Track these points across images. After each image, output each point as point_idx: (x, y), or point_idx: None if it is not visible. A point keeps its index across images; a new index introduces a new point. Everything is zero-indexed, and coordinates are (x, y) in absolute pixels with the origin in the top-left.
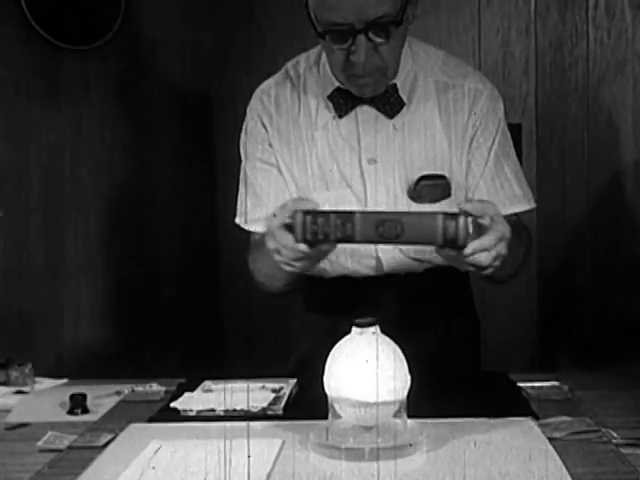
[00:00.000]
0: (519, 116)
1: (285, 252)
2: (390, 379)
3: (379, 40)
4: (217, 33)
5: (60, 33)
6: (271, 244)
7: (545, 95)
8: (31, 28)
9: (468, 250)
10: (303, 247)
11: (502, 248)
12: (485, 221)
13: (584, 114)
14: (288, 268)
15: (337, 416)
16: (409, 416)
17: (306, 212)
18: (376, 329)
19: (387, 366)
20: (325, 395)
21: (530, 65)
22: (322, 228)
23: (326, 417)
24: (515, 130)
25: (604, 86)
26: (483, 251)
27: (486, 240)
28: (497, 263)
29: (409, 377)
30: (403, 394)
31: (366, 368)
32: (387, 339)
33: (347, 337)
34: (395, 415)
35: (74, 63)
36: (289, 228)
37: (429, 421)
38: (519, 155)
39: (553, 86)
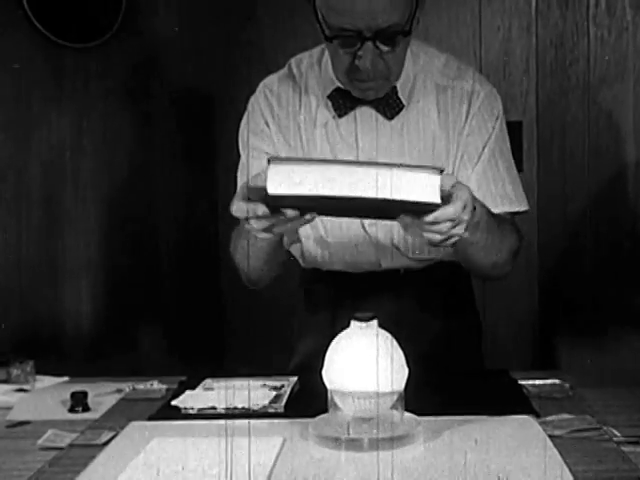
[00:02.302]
0: (520, 114)
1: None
2: (388, 371)
3: (386, 48)
4: (218, 31)
5: (61, 30)
6: (240, 212)
7: (546, 93)
8: (32, 25)
9: (429, 218)
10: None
11: (464, 214)
12: (445, 187)
13: (585, 112)
14: (262, 235)
15: (337, 408)
16: (410, 412)
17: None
18: (374, 323)
19: (385, 358)
20: (327, 393)
21: (531, 63)
22: None
23: None
24: (516, 128)
25: (605, 84)
26: (446, 221)
27: (450, 209)
28: (459, 231)
29: (406, 369)
30: (401, 386)
31: (364, 360)
32: (385, 332)
33: (346, 331)
34: (393, 407)
35: (75, 61)
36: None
37: (429, 418)
38: (520, 153)
39: (554, 84)
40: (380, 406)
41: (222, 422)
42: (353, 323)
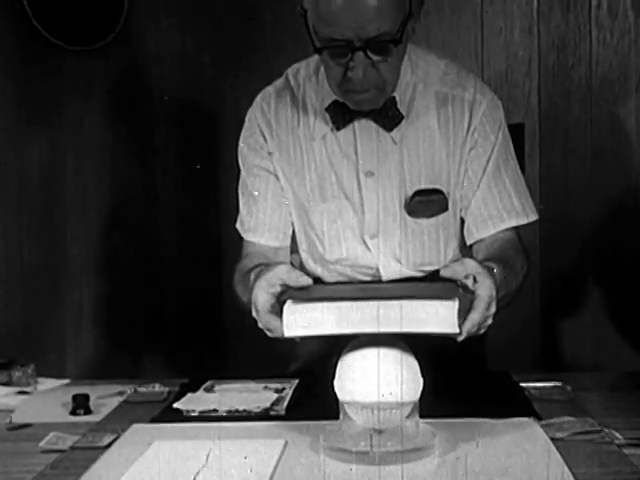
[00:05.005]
0: (522, 116)
1: (272, 333)
2: (402, 382)
3: (377, 58)
4: (220, 35)
5: (63, 33)
6: (260, 323)
7: (548, 95)
8: (33, 28)
9: (461, 338)
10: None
11: (491, 309)
12: (469, 282)
13: (587, 114)
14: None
15: (348, 419)
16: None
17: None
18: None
19: (399, 369)
20: (328, 396)
21: (533, 65)
22: None
23: (329, 417)
24: (518, 130)
25: (607, 86)
26: (475, 326)
27: (475, 315)
28: (489, 322)
29: (421, 379)
30: (415, 396)
31: (377, 371)
32: (399, 342)
33: (357, 340)
34: (407, 417)
35: (76, 63)
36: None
37: (432, 421)
38: (522, 155)
39: (556, 86)
40: (394, 417)
41: (224, 424)
42: (365, 333)
